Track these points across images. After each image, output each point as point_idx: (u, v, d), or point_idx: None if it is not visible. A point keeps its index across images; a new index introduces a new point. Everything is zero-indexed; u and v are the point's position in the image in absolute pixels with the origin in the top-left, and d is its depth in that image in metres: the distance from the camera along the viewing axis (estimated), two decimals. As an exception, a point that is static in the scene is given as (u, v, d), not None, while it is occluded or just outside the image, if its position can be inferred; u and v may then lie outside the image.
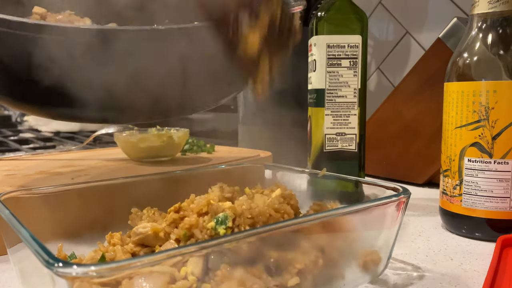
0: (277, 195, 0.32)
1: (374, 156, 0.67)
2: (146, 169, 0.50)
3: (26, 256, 0.24)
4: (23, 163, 0.56)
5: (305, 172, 0.41)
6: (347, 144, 0.49)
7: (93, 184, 0.36)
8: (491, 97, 0.39)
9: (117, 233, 0.31)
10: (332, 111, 0.49)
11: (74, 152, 0.67)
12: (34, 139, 0.97)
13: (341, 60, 0.49)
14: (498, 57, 0.40)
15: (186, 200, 0.31)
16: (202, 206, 0.29)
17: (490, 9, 0.40)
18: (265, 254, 0.25)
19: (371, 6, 0.86)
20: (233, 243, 0.23)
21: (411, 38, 0.81)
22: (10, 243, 0.28)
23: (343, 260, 0.29)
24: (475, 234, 0.42)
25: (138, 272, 0.21)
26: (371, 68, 0.88)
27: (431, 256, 0.37)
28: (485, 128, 0.40)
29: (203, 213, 0.29)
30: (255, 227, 0.28)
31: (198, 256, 0.22)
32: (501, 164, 0.40)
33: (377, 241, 0.31)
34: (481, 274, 0.34)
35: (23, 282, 0.27)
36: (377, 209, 0.30)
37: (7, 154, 0.68)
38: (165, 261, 0.21)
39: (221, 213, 0.28)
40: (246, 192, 0.35)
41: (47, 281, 0.20)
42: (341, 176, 0.38)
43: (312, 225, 0.27)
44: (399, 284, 0.32)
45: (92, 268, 0.19)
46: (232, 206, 0.29)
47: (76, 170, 0.49)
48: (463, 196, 0.41)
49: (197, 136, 0.70)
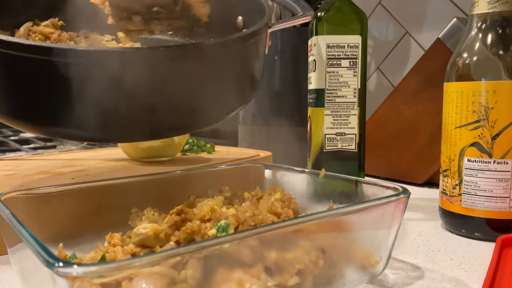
0: (276, 198, 0.32)
1: (374, 156, 0.68)
2: (146, 169, 0.50)
3: (26, 256, 0.24)
4: (23, 163, 0.56)
5: (305, 172, 0.41)
6: (347, 144, 0.49)
7: (93, 184, 0.36)
8: (491, 97, 0.39)
9: (117, 233, 0.31)
10: (332, 111, 0.49)
11: (74, 152, 0.67)
12: (35, 139, 0.97)
13: (341, 60, 0.49)
14: (497, 57, 0.40)
15: (187, 202, 0.31)
16: (205, 213, 0.29)
17: (490, 9, 0.40)
18: (265, 254, 0.25)
19: (371, 6, 0.87)
20: (233, 243, 0.23)
21: (411, 38, 0.81)
22: (10, 243, 0.28)
23: (343, 260, 0.29)
24: (474, 234, 0.42)
25: (138, 273, 0.21)
26: (371, 68, 0.88)
27: (431, 256, 0.37)
28: (484, 128, 0.40)
29: (206, 219, 0.29)
30: (255, 228, 0.28)
31: (198, 258, 0.22)
32: (500, 164, 0.40)
33: (377, 241, 0.31)
34: (481, 274, 0.34)
35: (23, 282, 0.27)
36: (377, 209, 0.30)
37: (8, 154, 0.69)
38: (164, 261, 0.21)
39: (223, 220, 0.28)
40: (246, 196, 0.35)
41: (48, 281, 0.20)
42: (341, 176, 0.38)
43: (311, 225, 0.27)
44: (398, 284, 0.32)
45: (92, 268, 0.19)
46: (235, 214, 0.29)
47: (76, 170, 0.49)
48: (462, 196, 0.42)
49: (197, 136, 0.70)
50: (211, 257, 0.23)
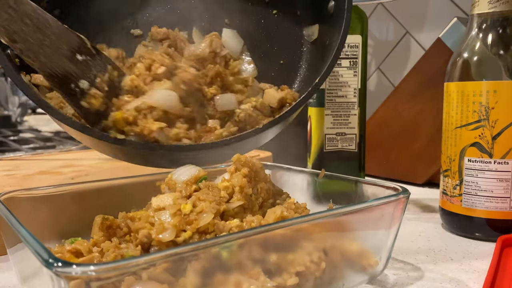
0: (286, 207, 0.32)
1: (374, 156, 0.67)
2: (146, 169, 0.50)
3: (26, 256, 0.24)
4: (23, 163, 0.56)
5: (305, 172, 0.41)
6: (347, 144, 0.49)
7: (93, 184, 0.36)
8: (491, 97, 0.39)
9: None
10: (332, 111, 0.49)
11: (74, 152, 0.67)
12: (34, 139, 0.97)
13: (341, 60, 0.48)
14: (498, 57, 0.40)
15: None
16: (208, 225, 0.27)
17: (490, 9, 0.40)
18: (265, 254, 0.25)
19: (371, 6, 0.86)
20: (232, 244, 0.23)
21: (411, 38, 0.81)
22: (10, 243, 0.28)
23: (342, 260, 0.29)
24: (475, 234, 0.42)
25: (136, 282, 0.21)
26: (371, 68, 0.88)
27: (431, 256, 0.37)
28: (485, 128, 0.40)
29: (208, 232, 0.28)
30: (255, 228, 0.27)
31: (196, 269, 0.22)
32: (501, 164, 0.40)
33: (376, 240, 0.31)
34: (481, 274, 0.34)
35: (23, 282, 0.27)
36: (377, 209, 0.30)
37: (7, 154, 0.68)
38: (163, 261, 0.21)
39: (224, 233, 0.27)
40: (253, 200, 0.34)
41: (47, 281, 0.20)
42: (341, 176, 0.38)
43: (311, 225, 0.27)
44: (399, 284, 0.32)
45: (91, 267, 0.19)
46: (240, 225, 0.28)
47: (76, 170, 0.49)
48: (463, 196, 0.41)
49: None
50: (211, 257, 0.23)
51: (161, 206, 0.28)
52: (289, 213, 0.29)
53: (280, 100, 0.41)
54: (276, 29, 0.47)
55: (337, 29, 0.39)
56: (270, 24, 0.47)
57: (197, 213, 0.27)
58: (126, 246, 0.27)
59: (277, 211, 0.29)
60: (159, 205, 0.28)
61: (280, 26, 0.47)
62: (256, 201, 0.31)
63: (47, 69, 0.32)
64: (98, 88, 0.35)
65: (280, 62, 0.46)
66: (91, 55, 0.35)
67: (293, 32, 0.46)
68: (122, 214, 0.30)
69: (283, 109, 0.40)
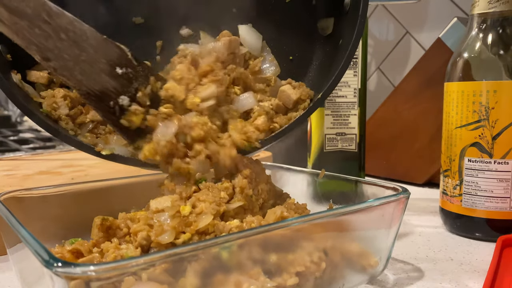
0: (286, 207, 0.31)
1: (374, 156, 0.67)
2: (146, 169, 0.50)
3: (26, 256, 0.24)
4: (23, 163, 0.56)
5: (305, 172, 0.41)
6: (347, 144, 0.49)
7: (93, 184, 0.36)
8: (491, 97, 0.39)
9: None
10: (332, 111, 0.49)
11: (74, 152, 0.67)
12: (34, 139, 0.97)
13: (341, 60, 0.48)
14: (498, 57, 0.40)
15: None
16: (207, 226, 0.27)
17: (490, 9, 0.40)
18: (264, 255, 0.25)
19: (371, 6, 0.86)
20: (232, 244, 0.23)
21: (411, 38, 0.81)
22: (10, 243, 0.28)
23: (342, 260, 0.29)
24: (475, 234, 0.41)
25: (135, 282, 0.21)
26: (371, 68, 0.88)
27: (431, 256, 0.37)
28: (485, 128, 0.40)
29: (208, 233, 0.27)
30: (254, 228, 0.27)
31: (196, 269, 0.22)
32: (501, 164, 0.39)
33: (376, 241, 0.31)
34: (481, 274, 0.34)
35: (23, 282, 0.27)
36: (377, 209, 0.29)
37: (7, 154, 0.68)
38: (163, 260, 0.21)
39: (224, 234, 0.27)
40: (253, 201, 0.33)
41: (47, 281, 0.20)
42: (341, 176, 0.38)
43: (311, 225, 0.27)
44: (399, 284, 0.32)
45: (91, 268, 0.19)
46: (240, 225, 0.28)
47: (76, 170, 0.49)
48: (463, 196, 0.41)
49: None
50: (211, 257, 0.23)
51: (159, 208, 0.28)
52: (289, 213, 0.29)
53: (296, 102, 0.38)
54: (288, 20, 0.42)
55: (349, 32, 0.36)
56: (281, 14, 0.42)
57: (197, 215, 0.27)
58: (126, 247, 0.27)
59: (277, 211, 0.29)
60: (157, 207, 0.28)
61: (292, 16, 0.42)
62: (257, 202, 0.31)
63: (84, 87, 0.29)
64: (139, 103, 0.31)
65: (290, 58, 0.43)
66: (132, 66, 0.31)
67: (307, 24, 0.42)
68: (122, 215, 0.30)
69: (297, 107, 0.38)
